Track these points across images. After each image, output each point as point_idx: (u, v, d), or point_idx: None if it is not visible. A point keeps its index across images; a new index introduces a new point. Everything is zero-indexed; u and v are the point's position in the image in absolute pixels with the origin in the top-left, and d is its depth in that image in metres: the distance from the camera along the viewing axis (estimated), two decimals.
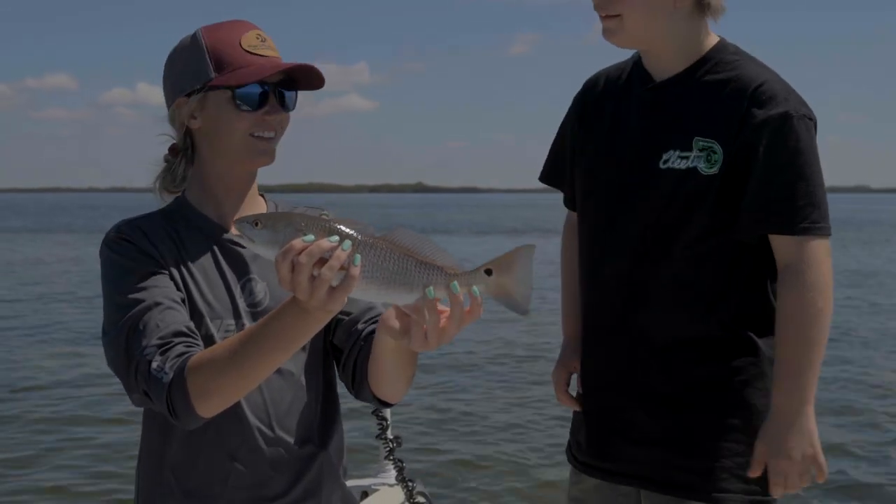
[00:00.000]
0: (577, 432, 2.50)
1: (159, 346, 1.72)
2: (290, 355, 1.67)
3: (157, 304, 1.77)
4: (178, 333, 1.75)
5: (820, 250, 2.20)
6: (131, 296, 1.78)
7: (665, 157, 2.26)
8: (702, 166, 2.22)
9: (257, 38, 1.89)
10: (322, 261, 1.49)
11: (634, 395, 2.33)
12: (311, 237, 1.50)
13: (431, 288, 1.55)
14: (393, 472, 3.34)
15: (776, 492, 2.23)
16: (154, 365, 1.70)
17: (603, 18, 2.28)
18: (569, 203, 2.58)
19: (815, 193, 2.20)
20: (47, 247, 33.58)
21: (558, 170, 2.57)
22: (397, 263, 1.55)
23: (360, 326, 1.95)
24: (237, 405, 1.84)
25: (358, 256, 1.51)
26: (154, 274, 1.82)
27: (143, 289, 1.79)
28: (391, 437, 3.30)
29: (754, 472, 2.22)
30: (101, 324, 1.83)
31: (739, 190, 2.21)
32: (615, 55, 2.48)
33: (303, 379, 1.95)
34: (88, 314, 14.89)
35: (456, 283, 1.56)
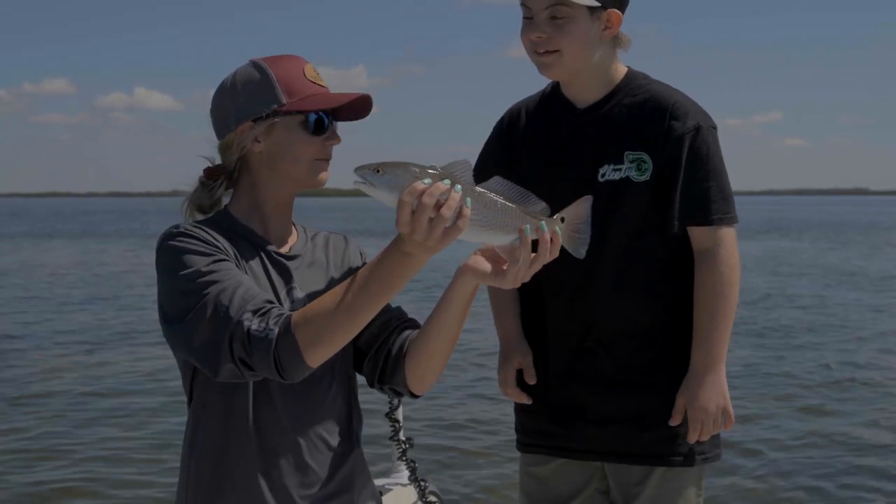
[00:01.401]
0: (529, 420, 2.75)
1: (255, 312, 1.83)
2: (390, 297, 1.82)
3: (239, 282, 1.88)
4: (269, 301, 1.88)
5: (730, 236, 2.57)
6: (206, 278, 1.87)
7: (602, 171, 2.58)
8: (633, 175, 2.56)
9: (314, 71, 2.07)
10: (438, 204, 1.65)
11: (590, 382, 2.62)
12: (428, 181, 1.66)
13: (528, 226, 1.78)
14: (406, 473, 3.43)
15: (692, 437, 2.54)
16: (255, 327, 1.80)
17: (540, 55, 2.53)
18: None
19: (724, 190, 2.57)
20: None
21: None
22: (497, 208, 1.75)
23: (395, 324, 2.11)
24: (276, 407, 1.98)
25: (468, 199, 1.69)
26: (224, 260, 1.93)
27: (218, 271, 1.89)
28: (403, 438, 3.40)
29: (675, 422, 2.55)
30: (164, 316, 1.92)
31: (665, 192, 2.55)
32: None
33: (336, 382, 2.08)
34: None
35: (544, 223, 1.80)
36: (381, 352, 2.09)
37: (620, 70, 2.64)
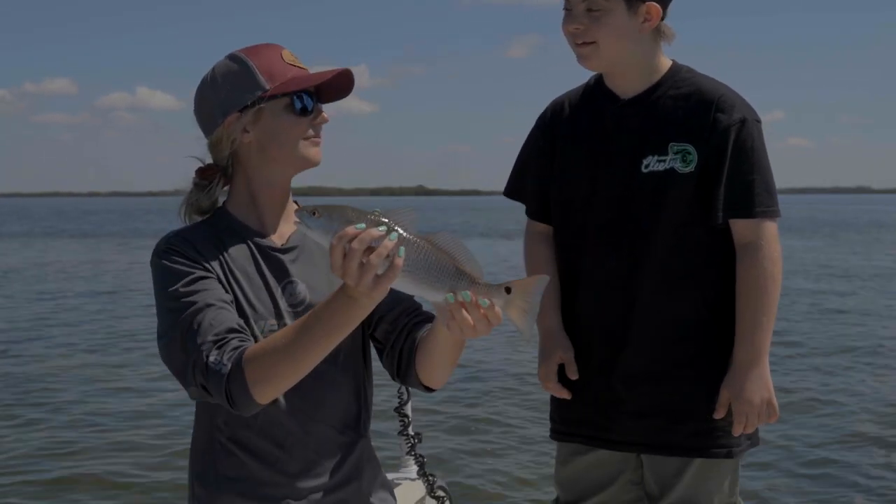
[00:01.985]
0: (566, 410, 2.76)
1: (215, 342, 1.85)
2: (338, 341, 1.80)
3: (210, 305, 1.91)
4: (232, 330, 1.89)
5: (772, 229, 2.58)
6: (184, 300, 1.91)
7: (645, 162, 2.59)
8: (678, 166, 2.57)
9: (292, 55, 2.08)
10: (370, 249, 1.64)
11: (629, 373, 2.63)
12: (361, 226, 1.65)
13: (451, 294, 1.72)
14: (414, 467, 3.45)
15: (737, 430, 2.56)
16: (212, 359, 1.83)
17: (578, 45, 2.57)
18: (532, 214, 2.87)
19: (768, 183, 2.59)
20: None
21: (522, 184, 2.87)
22: (432, 263, 1.71)
23: (405, 320, 2.11)
24: (282, 401, 2.00)
25: (402, 248, 1.67)
26: (203, 279, 1.95)
27: (195, 292, 1.92)
28: (412, 433, 3.42)
29: (719, 414, 2.57)
30: (157, 330, 1.96)
31: (710, 184, 2.55)
32: None
33: (341, 374, 2.10)
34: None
35: (468, 292, 1.73)
36: (396, 348, 2.10)
37: (664, 62, 2.66)
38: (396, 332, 2.10)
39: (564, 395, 2.71)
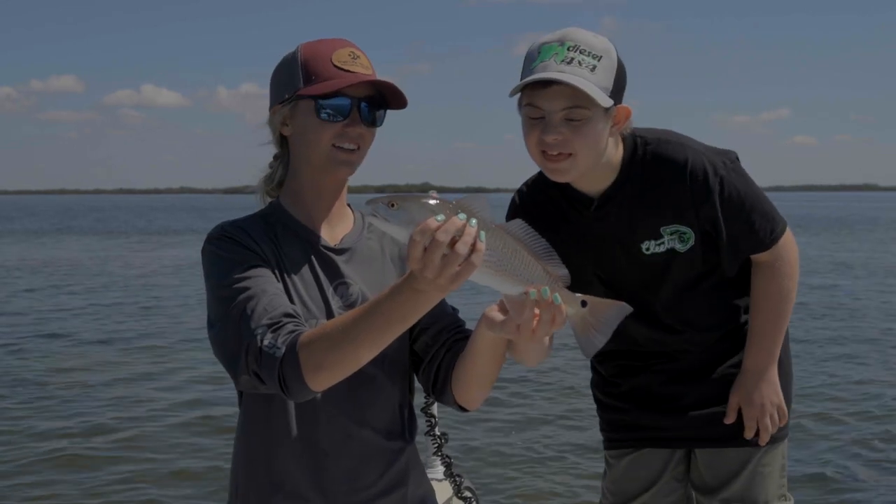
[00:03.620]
0: (616, 416, 2.79)
1: (269, 326, 1.79)
2: (398, 333, 1.72)
3: (264, 291, 1.85)
4: (287, 315, 1.83)
5: (786, 246, 2.61)
6: (237, 286, 1.85)
7: (644, 246, 2.57)
8: (677, 246, 2.56)
9: (349, 56, 1.98)
10: (452, 240, 1.54)
11: (674, 374, 2.69)
12: (441, 217, 1.55)
13: (533, 290, 1.62)
14: (441, 468, 3.42)
15: (748, 434, 2.62)
16: (266, 342, 1.76)
17: (553, 158, 2.37)
18: None
19: (765, 210, 2.58)
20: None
21: None
22: (512, 254, 1.61)
23: (446, 336, 2.05)
24: (329, 406, 1.96)
25: (483, 233, 1.56)
26: (257, 266, 1.89)
27: (249, 278, 1.86)
28: (439, 433, 3.39)
29: (729, 420, 2.63)
30: (207, 319, 1.92)
31: (714, 242, 2.57)
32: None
33: (387, 381, 2.04)
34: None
35: (558, 294, 1.64)
36: (434, 363, 2.04)
37: (620, 150, 2.53)
38: (437, 346, 2.04)
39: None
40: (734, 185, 2.54)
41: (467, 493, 3.42)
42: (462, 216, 1.55)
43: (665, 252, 2.57)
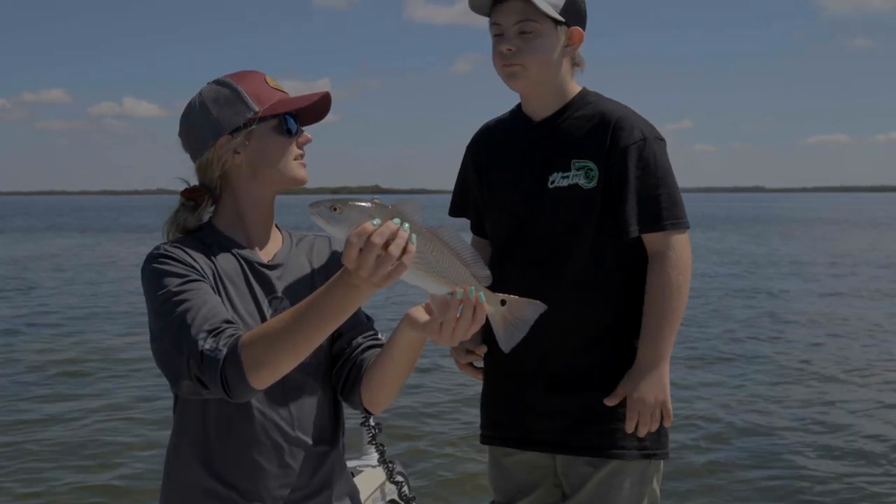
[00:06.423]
0: (490, 414, 2.64)
1: (210, 332, 1.70)
2: (334, 327, 1.66)
3: (204, 302, 1.76)
4: (227, 321, 1.74)
5: (681, 241, 2.44)
6: (176, 298, 1.75)
7: (551, 178, 2.46)
8: (582, 182, 2.43)
9: (274, 80, 1.97)
10: (386, 243, 1.51)
11: (542, 378, 2.49)
12: (377, 221, 1.52)
13: (460, 290, 1.61)
14: (375, 455, 3.34)
15: (629, 427, 2.40)
16: (207, 346, 1.67)
17: (507, 66, 2.44)
18: (474, 229, 2.77)
19: (673, 196, 2.44)
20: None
21: (463, 203, 2.76)
22: (441, 256, 1.60)
23: (361, 340, 1.97)
24: (262, 411, 1.86)
25: (415, 236, 1.55)
26: (196, 280, 1.80)
27: (188, 291, 1.77)
28: (373, 423, 3.29)
29: (611, 402, 2.41)
30: (150, 334, 1.80)
31: (615, 203, 2.41)
32: None
33: (317, 385, 1.95)
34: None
35: (483, 294, 1.63)
36: (345, 367, 1.96)
37: (574, 88, 2.54)
38: (351, 349, 1.96)
39: (478, 376, 2.64)
40: (654, 152, 2.43)
41: (399, 478, 3.33)
42: (397, 220, 1.54)
43: (567, 188, 2.44)
